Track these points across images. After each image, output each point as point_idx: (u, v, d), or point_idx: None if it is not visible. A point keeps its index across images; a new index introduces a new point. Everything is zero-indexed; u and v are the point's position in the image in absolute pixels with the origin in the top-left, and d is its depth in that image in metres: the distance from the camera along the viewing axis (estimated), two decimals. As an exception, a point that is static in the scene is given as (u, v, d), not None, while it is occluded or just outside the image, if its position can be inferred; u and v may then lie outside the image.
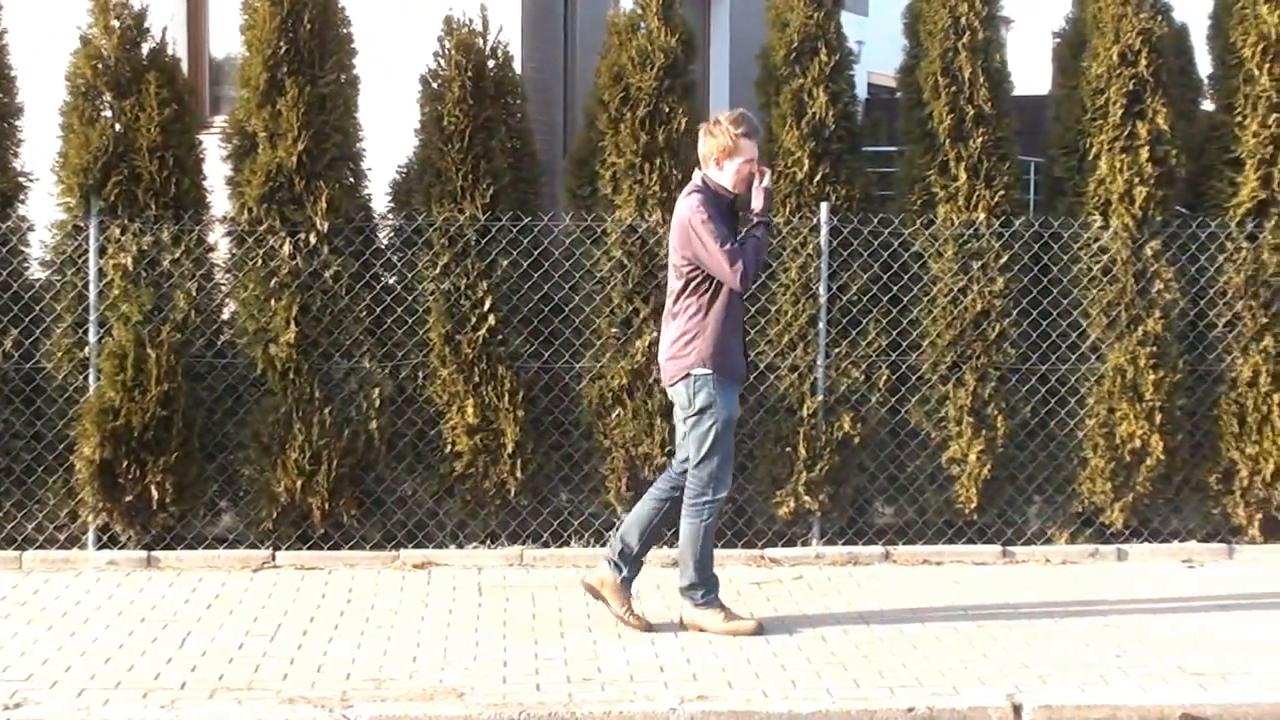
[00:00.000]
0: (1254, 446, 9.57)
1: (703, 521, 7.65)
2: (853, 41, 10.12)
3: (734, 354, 7.59)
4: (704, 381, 7.50)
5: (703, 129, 7.67)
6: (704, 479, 7.60)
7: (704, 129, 7.65)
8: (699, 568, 7.72)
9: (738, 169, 7.54)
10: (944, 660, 7.27)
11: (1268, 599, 8.49)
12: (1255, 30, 9.63)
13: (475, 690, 6.76)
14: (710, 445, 7.55)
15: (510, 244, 9.24)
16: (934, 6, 9.61)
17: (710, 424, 7.53)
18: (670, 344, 7.62)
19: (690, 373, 7.52)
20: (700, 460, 7.58)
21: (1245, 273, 9.58)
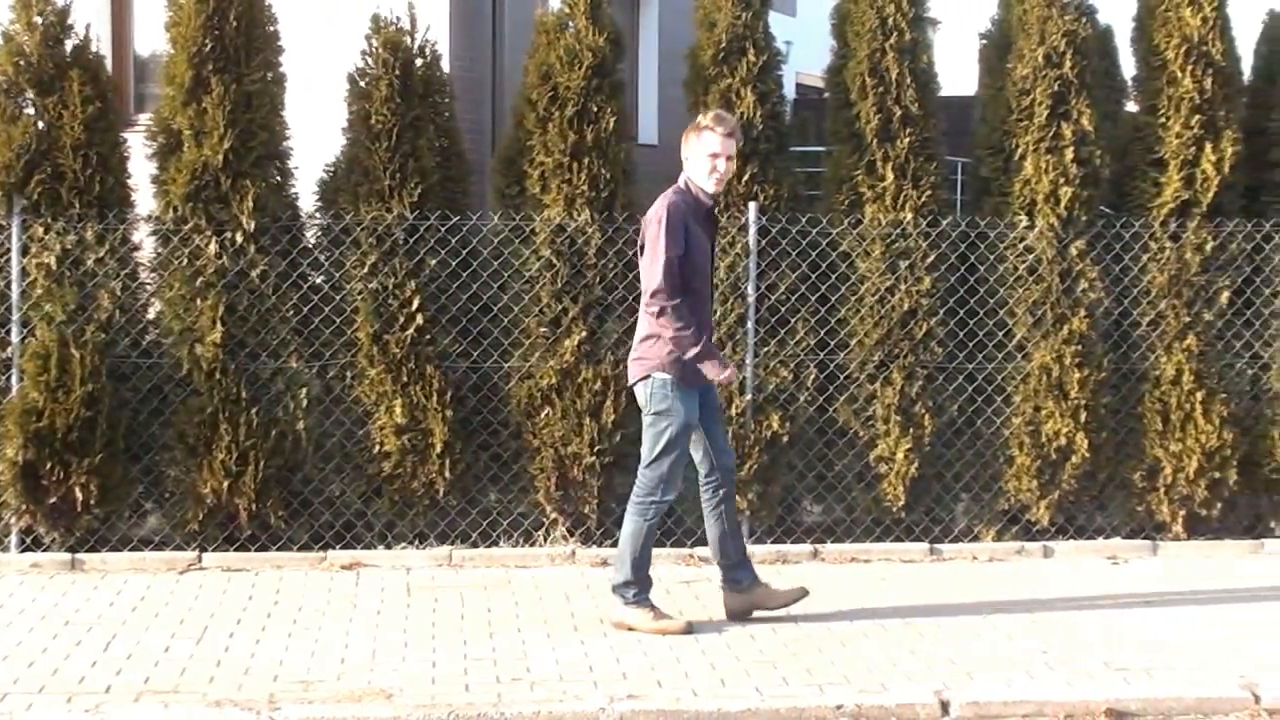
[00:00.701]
0: (1177, 444, 9.67)
1: (646, 521, 7.65)
2: (781, 42, 10.16)
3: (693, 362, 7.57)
4: (661, 385, 7.52)
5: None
6: (654, 480, 7.61)
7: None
8: (635, 566, 7.71)
9: (699, 154, 7.54)
10: (872, 658, 7.30)
11: (1191, 595, 8.58)
12: (1178, 32, 9.72)
13: (404, 691, 6.74)
14: (663, 448, 7.55)
15: (438, 243, 9.21)
16: (861, 8, 9.65)
17: (665, 426, 7.54)
18: (636, 344, 7.67)
19: (650, 375, 7.55)
20: (652, 461, 7.60)
21: (1168, 272, 9.68)
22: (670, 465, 7.58)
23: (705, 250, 7.61)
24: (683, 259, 7.42)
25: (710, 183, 7.56)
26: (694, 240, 7.50)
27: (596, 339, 9.29)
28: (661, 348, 7.51)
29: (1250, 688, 6.93)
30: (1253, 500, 9.95)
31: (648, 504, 7.65)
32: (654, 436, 7.58)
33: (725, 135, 7.53)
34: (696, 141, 7.58)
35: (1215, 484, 9.69)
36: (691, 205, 7.55)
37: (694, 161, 7.60)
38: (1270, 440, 9.80)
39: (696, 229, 7.53)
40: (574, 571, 8.91)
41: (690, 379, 7.53)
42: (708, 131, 7.54)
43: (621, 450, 9.26)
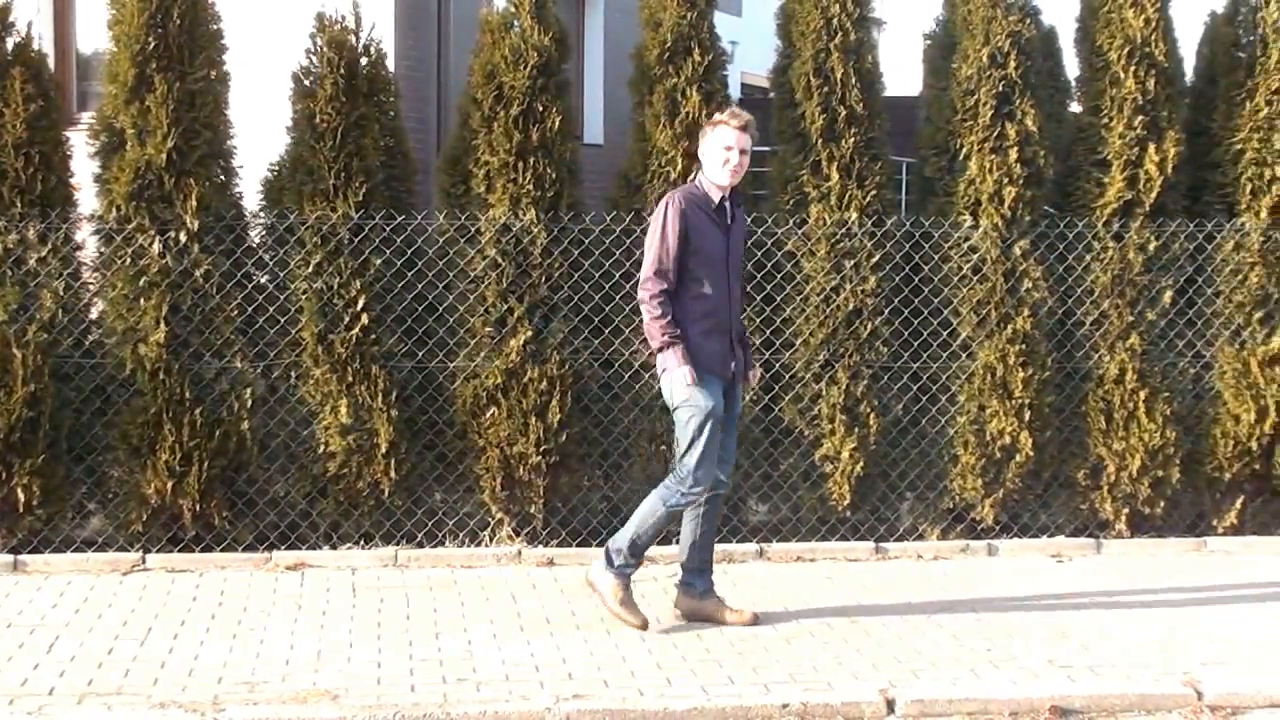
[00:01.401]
0: (1121, 443, 9.73)
1: (666, 505, 7.65)
2: (726, 42, 10.18)
3: (710, 350, 7.59)
4: (680, 377, 7.50)
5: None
6: (688, 468, 7.60)
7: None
8: (634, 540, 7.73)
9: (714, 147, 7.60)
10: (818, 656, 7.32)
11: (1134, 593, 8.64)
12: (1121, 33, 9.79)
13: (349, 692, 6.72)
14: (692, 438, 7.55)
15: (384, 243, 9.18)
16: (806, 8, 9.67)
17: (689, 417, 7.53)
18: (645, 323, 7.66)
19: (655, 361, 7.61)
20: (685, 452, 7.61)
21: (1112, 272, 9.74)
22: (699, 456, 7.55)
23: (718, 245, 7.63)
24: (684, 253, 7.49)
25: (724, 175, 7.60)
26: (700, 234, 7.55)
27: (542, 339, 9.28)
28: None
29: (1193, 684, 6.99)
30: (1195, 498, 10.02)
31: (674, 491, 7.65)
32: (682, 428, 7.60)
33: (739, 129, 7.59)
34: (711, 135, 7.66)
35: (1158, 482, 9.76)
36: (699, 200, 7.62)
37: (709, 155, 7.66)
38: (1212, 439, 9.88)
39: (704, 222, 7.58)
40: (520, 571, 8.90)
41: (708, 367, 7.55)
42: (722, 125, 7.62)
43: (567, 450, 9.26)
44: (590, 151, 12.14)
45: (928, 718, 6.72)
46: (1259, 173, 9.89)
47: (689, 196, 7.62)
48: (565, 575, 8.80)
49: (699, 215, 7.57)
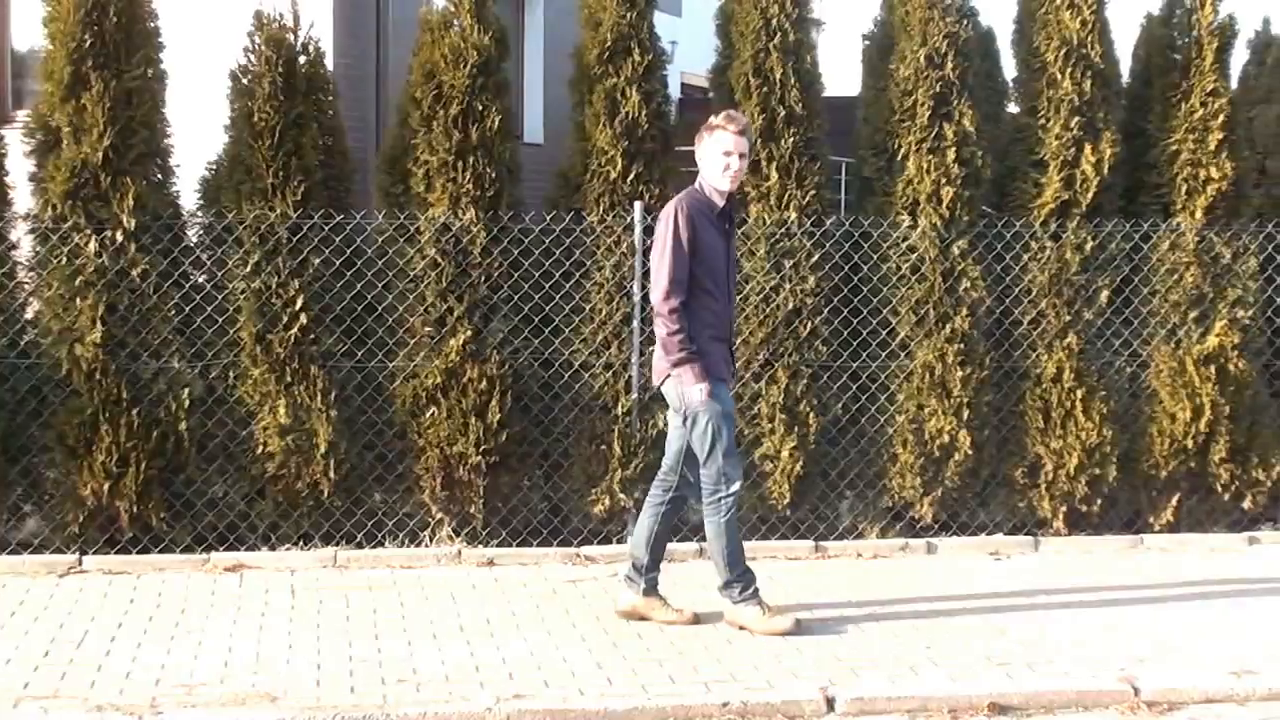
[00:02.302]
0: (1058, 441, 9.79)
1: (722, 518, 7.65)
2: (666, 41, 10.18)
3: (713, 355, 7.57)
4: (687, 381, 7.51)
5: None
6: (714, 476, 7.61)
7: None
8: (730, 565, 7.73)
9: (712, 152, 7.57)
10: (758, 655, 7.34)
11: (1072, 590, 8.70)
12: (1058, 35, 9.86)
13: (288, 694, 6.68)
14: (711, 442, 7.55)
15: (322, 242, 9.14)
16: (745, 8, 9.69)
17: (706, 421, 7.52)
18: (658, 344, 7.64)
19: (671, 372, 7.54)
20: (706, 458, 7.60)
21: (1049, 271, 9.81)
22: (724, 456, 7.57)
23: (719, 251, 7.60)
24: (691, 260, 7.44)
25: (725, 180, 7.57)
26: (705, 241, 7.51)
27: (482, 338, 9.26)
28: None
29: (1129, 680, 7.04)
30: (1132, 496, 10.09)
31: (717, 501, 7.65)
32: (699, 435, 7.57)
33: (737, 133, 7.56)
34: (709, 140, 7.61)
35: (1095, 480, 9.83)
36: (702, 206, 7.58)
37: (708, 161, 7.63)
38: (1149, 437, 9.96)
39: (709, 229, 7.55)
40: (460, 572, 8.88)
41: (712, 370, 7.54)
42: (720, 130, 7.58)
43: (507, 450, 9.24)
44: (530, 151, 12.14)
45: (868, 715, 6.75)
46: (1194, 173, 9.98)
47: (693, 203, 7.56)
48: (505, 575, 8.78)
49: (704, 222, 7.54)
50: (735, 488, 7.64)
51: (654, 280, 7.50)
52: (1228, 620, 8.13)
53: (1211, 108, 9.98)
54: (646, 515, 7.91)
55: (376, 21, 14.89)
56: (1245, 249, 10.06)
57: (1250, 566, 9.41)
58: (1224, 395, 9.89)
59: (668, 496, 7.86)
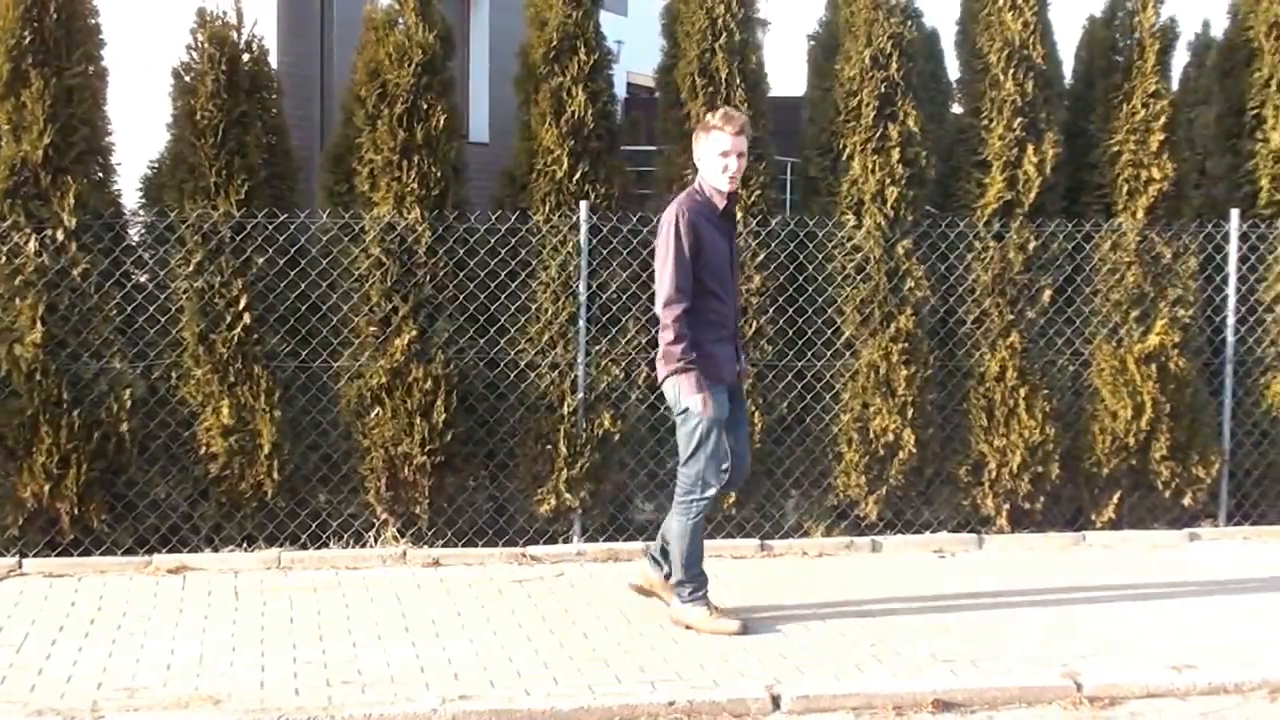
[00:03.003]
0: (1001, 439, 9.85)
1: (690, 519, 7.66)
2: (612, 41, 10.19)
3: (717, 357, 7.56)
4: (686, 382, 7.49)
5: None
6: (691, 477, 7.62)
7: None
8: (687, 565, 7.73)
9: (710, 153, 7.53)
10: (704, 654, 7.34)
11: (1015, 587, 8.74)
12: (1001, 36, 9.91)
13: (232, 696, 6.64)
14: (696, 444, 7.56)
15: (266, 241, 9.09)
16: (691, 8, 9.71)
17: (695, 424, 7.53)
18: (661, 343, 7.61)
19: (670, 374, 7.54)
20: (688, 459, 7.61)
21: (992, 271, 9.86)
22: (706, 460, 7.57)
23: (722, 252, 7.59)
24: (695, 264, 7.42)
25: (724, 181, 7.54)
26: (708, 242, 7.48)
27: (427, 338, 9.23)
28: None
29: (1072, 676, 7.08)
30: (1074, 493, 10.17)
31: (689, 502, 7.66)
32: (686, 435, 7.59)
33: (735, 133, 7.52)
34: (706, 141, 7.58)
35: (1038, 478, 9.89)
36: (703, 207, 7.55)
37: (706, 162, 7.60)
38: (1091, 435, 10.03)
39: (710, 231, 7.51)
40: (405, 572, 8.85)
41: (713, 375, 7.53)
42: (716, 131, 7.54)
43: (452, 450, 9.22)
44: (475, 150, 12.09)
45: (813, 713, 6.76)
46: (1135, 174, 10.05)
47: (694, 206, 7.52)
48: (451, 576, 8.76)
49: (705, 225, 7.50)
50: (711, 493, 7.65)
51: (658, 288, 7.48)
52: (1169, 616, 8.19)
53: (1153, 109, 10.06)
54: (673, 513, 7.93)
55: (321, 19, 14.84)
56: (1186, 249, 10.14)
57: (1191, 563, 9.49)
58: (1165, 393, 9.97)
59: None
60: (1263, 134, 10.42)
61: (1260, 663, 7.34)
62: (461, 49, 15.11)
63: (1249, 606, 8.42)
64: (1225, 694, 7.08)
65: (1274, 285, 10.32)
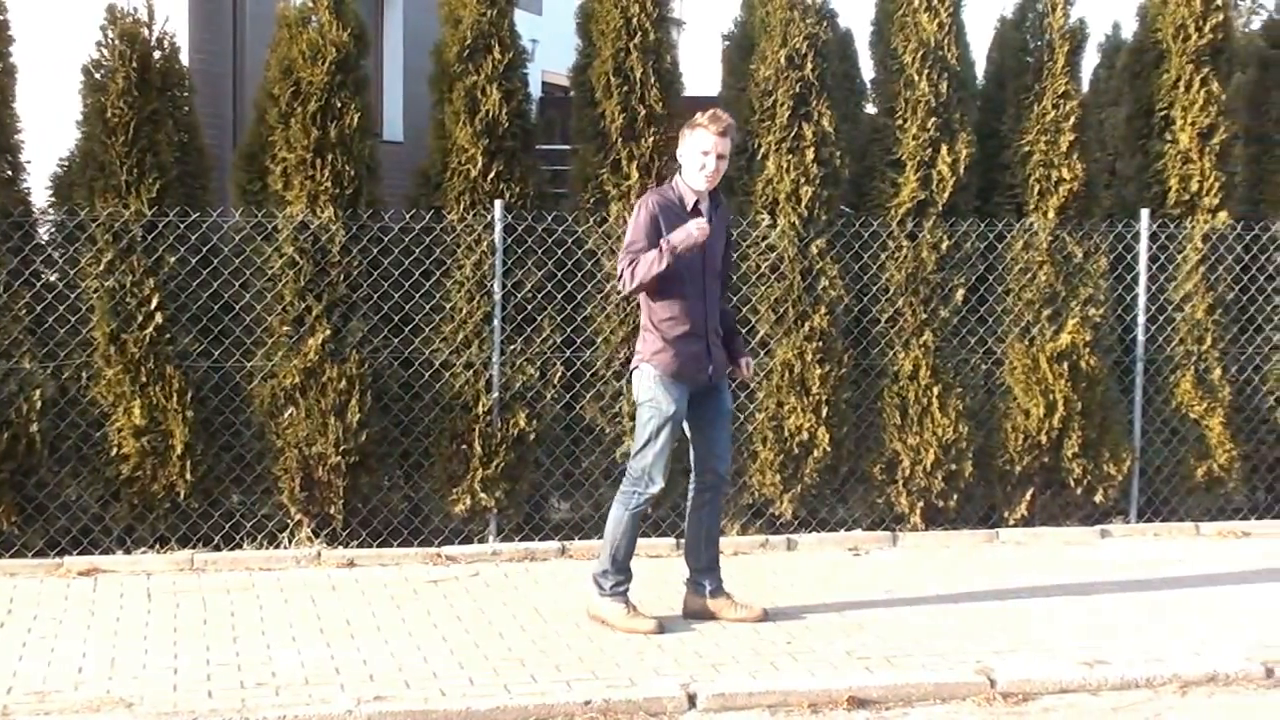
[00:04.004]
0: (915, 437, 9.92)
1: (628, 510, 7.68)
2: (526, 40, 10.17)
3: (687, 354, 7.56)
4: (648, 376, 7.56)
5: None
6: (638, 470, 7.65)
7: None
8: (614, 556, 7.74)
9: (691, 151, 7.56)
10: (620, 653, 7.35)
11: (929, 585, 8.80)
12: (915, 37, 9.98)
13: (144, 699, 6.58)
14: (647, 438, 7.59)
15: (178, 240, 9.02)
16: (606, 7, 9.71)
17: (649, 417, 7.57)
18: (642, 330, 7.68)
19: (638, 366, 7.61)
20: (639, 450, 7.63)
21: (906, 270, 9.92)
22: (654, 456, 7.59)
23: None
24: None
25: (700, 179, 7.57)
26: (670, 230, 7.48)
27: (341, 337, 9.19)
28: (649, 340, 7.58)
29: (985, 672, 7.14)
30: (988, 491, 10.26)
31: (631, 494, 7.68)
32: (640, 426, 7.64)
33: (718, 134, 7.54)
34: (690, 138, 7.61)
35: (951, 476, 9.97)
36: (671, 202, 7.59)
37: (686, 158, 7.64)
38: (1003, 433, 10.11)
39: (676, 223, 7.50)
40: (320, 573, 8.80)
41: (680, 373, 7.56)
42: (701, 129, 7.56)
43: (366, 450, 9.18)
44: (390, 149, 12.05)
45: (729, 711, 6.78)
46: (1046, 174, 10.15)
47: (660, 199, 7.58)
48: (366, 576, 8.72)
49: (672, 218, 7.52)
50: (653, 490, 7.67)
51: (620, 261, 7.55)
52: (1081, 612, 8.27)
53: (1063, 110, 10.16)
54: (690, 520, 7.97)
55: (233, 17, 14.71)
56: (1096, 248, 10.25)
57: (1102, 559, 9.59)
58: (1076, 391, 10.07)
59: (705, 497, 7.91)
60: (1171, 135, 10.54)
61: (1170, 658, 7.43)
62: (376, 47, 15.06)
63: (1159, 603, 8.51)
64: (1136, 689, 7.16)
65: (1183, 284, 10.45)
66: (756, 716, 6.74)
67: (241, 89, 14.14)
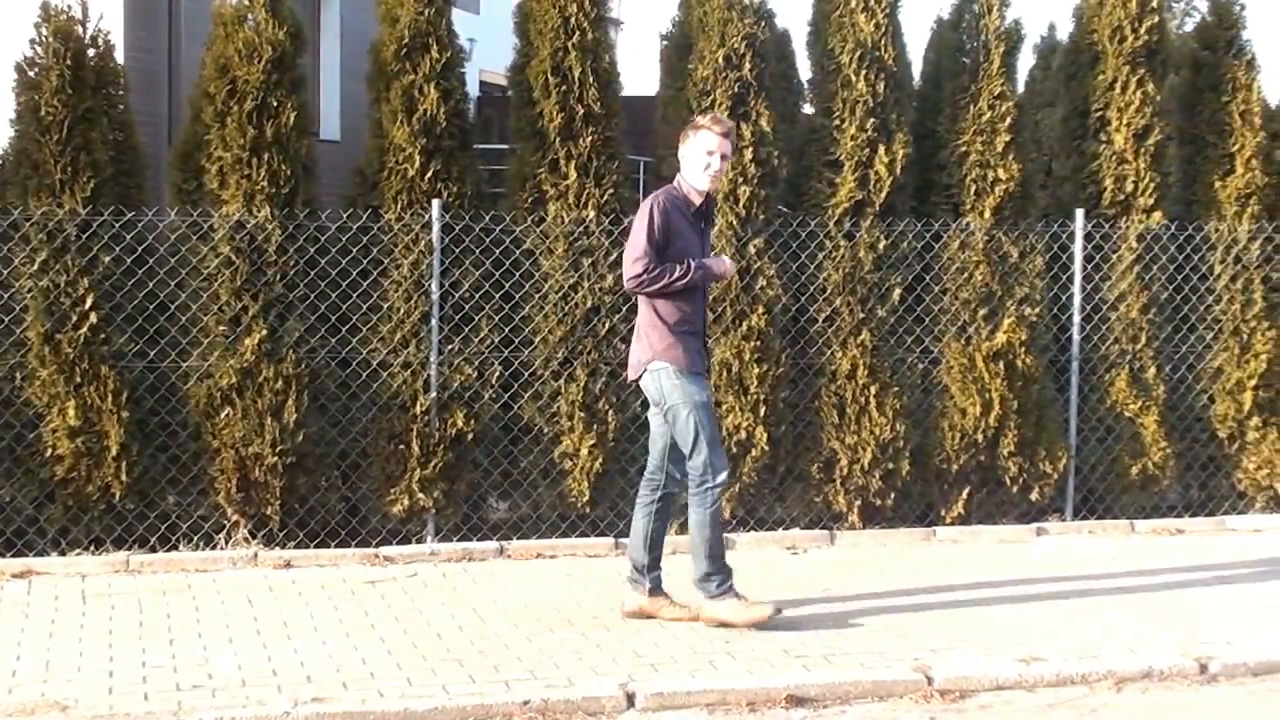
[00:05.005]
0: (853, 436, 9.95)
1: (708, 509, 7.70)
2: (464, 39, 10.15)
3: (691, 349, 7.64)
4: (667, 374, 7.58)
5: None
6: (700, 467, 7.64)
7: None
8: (711, 557, 7.78)
9: (695, 152, 7.63)
10: (558, 652, 7.34)
11: (867, 583, 8.84)
12: (853, 38, 10.02)
13: (80, 702, 6.53)
14: (695, 433, 7.59)
15: (113, 239, 8.95)
16: (544, 6, 9.70)
17: (686, 413, 7.58)
18: (634, 340, 7.74)
19: (648, 367, 7.62)
20: (692, 450, 7.63)
21: (843, 270, 9.96)
22: (708, 446, 7.61)
23: (695, 247, 7.67)
24: (665, 251, 7.50)
25: (704, 180, 7.66)
26: (680, 236, 7.58)
27: (278, 337, 9.15)
28: (655, 338, 7.60)
29: (923, 670, 7.17)
30: (925, 489, 10.31)
31: (704, 492, 7.70)
32: (682, 428, 7.63)
33: (721, 135, 7.64)
34: (694, 139, 7.68)
35: (889, 474, 10.02)
36: (678, 202, 7.66)
37: (689, 159, 7.70)
38: (940, 432, 10.17)
39: (684, 225, 7.62)
40: (257, 574, 8.76)
41: (690, 363, 7.61)
42: (705, 130, 7.65)
43: (304, 450, 9.15)
44: (327, 148, 12.00)
45: (668, 710, 6.78)
46: (982, 174, 10.21)
47: (670, 199, 7.63)
48: (303, 577, 8.69)
49: (679, 218, 7.61)
50: (722, 478, 7.71)
51: (625, 262, 7.58)
52: (1017, 610, 8.32)
53: (999, 110, 10.23)
54: (639, 517, 7.96)
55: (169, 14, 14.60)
56: (1032, 248, 10.32)
57: (1038, 556, 9.66)
58: (1012, 390, 10.14)
59: (657, 495, 7.93)
60: (1106, 135, 10.62)
61: (1106, 655, 7.49)
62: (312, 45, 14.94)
63: (1095, 600, 8.58)
64: (1072, 685, 7.21)
65: (1118, 284, 10.53)
66: (695, 715, 6.75)
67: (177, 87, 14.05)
